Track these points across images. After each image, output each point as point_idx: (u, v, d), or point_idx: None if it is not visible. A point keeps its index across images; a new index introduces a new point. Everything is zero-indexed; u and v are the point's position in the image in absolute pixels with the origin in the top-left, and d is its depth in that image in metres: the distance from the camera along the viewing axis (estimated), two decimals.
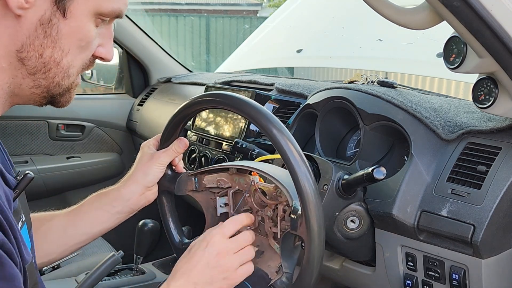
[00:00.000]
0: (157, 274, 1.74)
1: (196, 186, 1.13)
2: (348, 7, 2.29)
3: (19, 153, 2.33)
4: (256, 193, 1.04)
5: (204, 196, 1.13)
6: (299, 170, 0.84)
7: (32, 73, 0.73)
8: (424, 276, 1.07)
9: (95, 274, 1.36)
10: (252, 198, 1.04)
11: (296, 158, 0.85)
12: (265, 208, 1.02)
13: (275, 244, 1.00)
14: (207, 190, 1.13)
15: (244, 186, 1.06)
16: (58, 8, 0.70)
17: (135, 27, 2.44)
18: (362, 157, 1.20)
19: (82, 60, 0.77)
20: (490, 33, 0.86)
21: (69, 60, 0.75)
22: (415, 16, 0.92)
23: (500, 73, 0.93)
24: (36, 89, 0.75)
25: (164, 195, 1.14)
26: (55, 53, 0.73)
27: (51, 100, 0.78)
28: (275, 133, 0.86)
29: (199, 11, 7.53)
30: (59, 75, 0.75)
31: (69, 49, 0.74)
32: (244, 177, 1.07)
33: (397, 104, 1.16)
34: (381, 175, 0.97)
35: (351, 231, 1.11)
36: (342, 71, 4.36)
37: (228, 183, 1.09)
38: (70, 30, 0.73)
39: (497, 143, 1.01)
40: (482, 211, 0.96)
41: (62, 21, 0.71)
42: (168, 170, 1.11)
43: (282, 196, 0.97)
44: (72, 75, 0.77)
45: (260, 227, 1.06)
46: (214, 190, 1.12)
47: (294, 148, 0.85)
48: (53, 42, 0.72)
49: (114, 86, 2.67)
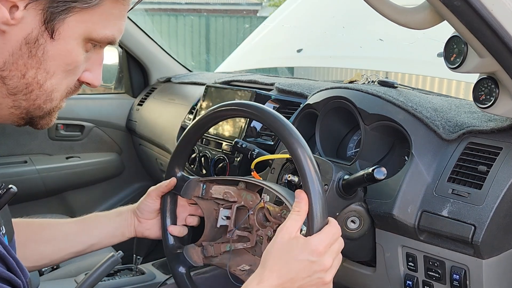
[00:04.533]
0: (157, 274, 1.73)
1: (203, 194, 1.13)
2: (348, 7, 2.29)
3: (18, 153, 2.33)
4: (261, 211, 1.04)
5: (208, 204, 1.14)
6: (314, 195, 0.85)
7: (12, 93, 0.69)
8: (424, 277, 1.07)
9: (95, 275, 1.36)
10: (255, 216, 1.05)
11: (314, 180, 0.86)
12: (266, 228, 1.02)
13: None
14: (212, 200, 1.13)
15: (250, 203, 1.07)
16: (47, 29, 0.66)
17: (134, 27, 2.43)
18: (363, 157, 1.19)
19: (67, 85, 0.74)
20: (490, 32, 0.86)
21: (53, 83, 0.71)
22: (416, 15, 0.92)
23: (501, 73, 0.93)
24: (16, 109, 0.71)
25: (169, 196, 1.15)
26: (39, 74, 0.69)
27: (29, 121, 0.74)
28: (299, 152, 0.87)
29: (199, 11, 7.53)
30: (41, 97, 0.71)
31: (54, 72, 0.70)
32: (252, 194, 1.07)
33: (397, 104, 1.15)
34: (382, 175, 0.97)
35: (351, 231, 1.11)
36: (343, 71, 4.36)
37: (235, 197, 1.09)
38: (57, 53, 0.68)
39: (498, 143, 1.01)
40: (482, 211, 0.96)
41: (49, 42, 0.67)
42: (178, 172, 1.13)
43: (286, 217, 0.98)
44: (55, 99, 0.73)
45: (256, 247, 1.06)
46: (219, 201, 1.13)
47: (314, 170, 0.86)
48: (37, 63, 0.68)
49: (113, 86, 2.66)
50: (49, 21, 0.66)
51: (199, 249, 1.14)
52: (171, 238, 1.15)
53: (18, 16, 0.64)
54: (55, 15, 0.66)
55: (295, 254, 0.83)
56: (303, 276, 0.83)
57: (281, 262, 0.83)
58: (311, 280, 0.84)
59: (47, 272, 1.73)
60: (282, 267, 0.83)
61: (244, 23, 7.11)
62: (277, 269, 0.83)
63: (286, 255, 0.83)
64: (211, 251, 1.12)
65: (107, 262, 1.38)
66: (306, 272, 0.83)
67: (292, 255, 0.83)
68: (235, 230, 1.08)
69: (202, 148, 1.69)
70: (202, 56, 6.93)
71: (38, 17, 0.65)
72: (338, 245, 0.88)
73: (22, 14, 0.64)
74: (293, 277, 0.83)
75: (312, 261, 0.83)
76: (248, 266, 1.07)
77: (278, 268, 0.83)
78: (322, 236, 0.85)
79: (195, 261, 1.14)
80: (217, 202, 1.13)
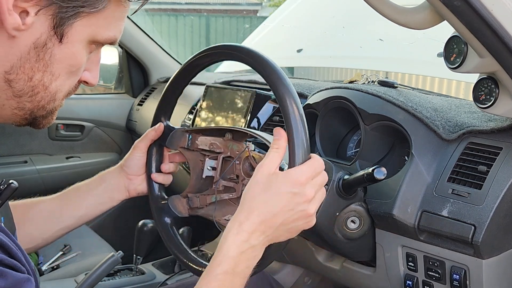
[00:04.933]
0: (157, 274, 1.73)
1: (188, 144, 1.12)
2: (348, 7, 2.29)
3: (18, 153, 2.33)
4: (247, 160, 1.03)
5: (193, 155, 1.12)
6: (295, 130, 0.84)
7: (18, 95, 0.70)
8: (424, 277, 1.07)
9: (95, 275, 1.36)
10: (241, 166, 1.03)
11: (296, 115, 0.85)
12: None
13: None
14: (198, 151, 1.12)
15: (236, 153, 1.05)
16: (56, 33, 0.67)
17: (134, 27, 2.43)
18: (363, 157, 1.19)
19: (69, 85, 0.75)
20: (490, 32, 0.86)
21: (58, 84, 0.72)
22: (416, 15, 0.92)
23: (501, 73, 0.93)
24: (19, 110, 0.72)
25: (155, 146, 1.13)
26: (45, 77, 0.70)
27: (32, 121, 0.75)
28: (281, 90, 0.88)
29: (199, 11, 7.53)
30: (46, 99, 0.72)
31: (59, 74, 0.71)
32: (238, 144, 1.06)
33: (397, 104, 1.15)
34: (382, 175, 0.97)
35: (351, 231, 1.11)
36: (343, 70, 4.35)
37: (221, 148, 1.08)
38: (63, 56, 0.70)
39: (498, 143, 1.01)
40: (482, 211, 0.96)
41: (57, 46, 0.69)
42: (164, 121, 1.12)
43: None
44: (58, 99, 0.74)
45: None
46: (205, 152, 1.11)
47: (296, 105, 0.86)
48: (44, 66, 0.69)
49: (113, 86, 2.66)
50: (58, 26, 0.67)
51: (184, 200, 1.12)
52: (156, 187, 1.13)
53: (29, 22, 0.65)
54: (64, 20, 0.67)
55: (275, 188, 0.81)
56: (285, 210, 0.81)
57: (261, 199, 0.81)
58: (294, 214, 0.82)
59: (47, 272, 1.73)
60: (263, 204, 0.81)
61: (244, 23, 7.11)
62: (257, 207, 0.81)
63: (266, 191, 0.81)
64: (196, 202, 1.10)
65: (107, 262, 1.38)
66: (288, 206, 0.81)
67: (272, 190, 0.81)
68: (221, 180, 1.06)
69: None
70: None
71: (47, 22, 0.66)
72: (321, 178, 0.85)
73: (33, 20, 0.65)
74: (275, 212, 0.81)
75: (293, 192, 0.81)
76: (230, 216, 1.06)
77: (258, 205, 0.81)
78: (303, 167, 0.83)
79: (180, 211, 1.12)
80: (203, 153, 1.12)
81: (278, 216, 0.81)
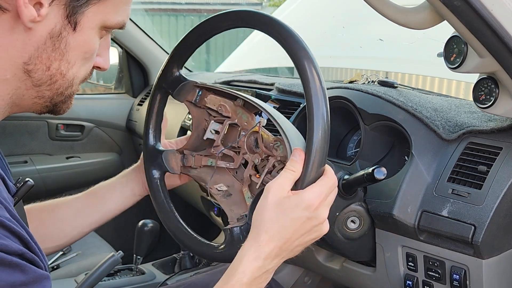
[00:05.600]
0: (157, 274, 1.74)
1: (196, 100, 1.06)
2: (348, 7, 2.29)
3: (19, 153, 2.33)
4: (253, 135, 0.99)
5: (199, 112, 1.07)
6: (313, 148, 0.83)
7: (37, 85, 0.73)
8: (424, 277, 1.07)
9: (95, 275, 1.36)
10: (246, 138, 0.99)
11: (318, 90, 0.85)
12: (254, 154, 0.98)
13: (247, 193, 0.96)
14: (205, 109, 1.06)
15: (244, 124, 1.01)
16: (69, 22, 0.70)
17: (134, 27, 2.43)
18: (363, 157, 1.19)
19: (85, 71, 0.78)
20: (490, 32, 0.86)
21: (74, 71, 0.75)
22: (416, 15, 0.92)
23: (501, 73, 0.93)
24: (39, 99, 0.75)
25: (160, 92, 1.08)
26: (62, 65, 0.73)
27: (52, 108, 0.78)
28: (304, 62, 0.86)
29: (199, 11, 7.51)
30: (64, 85, 0.75)
31: (75, 61, 0.74)
32: (248, 114, 1.01)
33: (397, 104, 1.15)
34: (382, 175, 0.97)
35: (351, 231, 1.11)
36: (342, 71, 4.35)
37: (229, 113, 1.02)
38: (77, 43, 0.72)
39: (498, 143, 1.01)
40: (482, 211, 0.96)
41: (71, 34, 0.71)
42: (176, 72, 1.06)
43: (277, 150, 0.94)
44: (75, 84, 0.77)
45: (239, 170, 1.01)
46: (211, 112, 1.06)
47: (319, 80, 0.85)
48: (60, 55, 0.72)
49: (113, 86, 2.67)
50: (71, 15, 0.70)
51: (179, 156, 1.07)
52: (152, 137, 1.09)
53: (43, 13, 0.67)
54: (76, 8, 0.69)
55: (290, 213, 0.81)
56: (301, 233, 0.82)
57: (277, 224, 0.81)
58: (309, 235, 0.83)
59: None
60: (278, 229, 0.80)
61: None
62: (273, 232, 0.80)
63: (280, 215, 0.81)
64: (191, 161, 1.05)
65: (107, 262, 1.39)
66: (303, 229, 0.82)
67: (287, 214, 0.81)
68: (221, 146, 1.02)
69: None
70: (202, 56, 6.92)
71: (60, 12, 0.69)
72: (333, 195, 0.86)
73: (47, 11, 0.67)
74: (290, 237, 0.81)
75: (308, 217, 0.81)
76: (225, 187, 1.02)
77: (274, 230, 0.80)
78: (317, 189, 0.83)
79: (172, 167, 1.07)
80: (210, 113, 1.06)
81: (293, 240, 0.82)
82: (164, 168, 1.07)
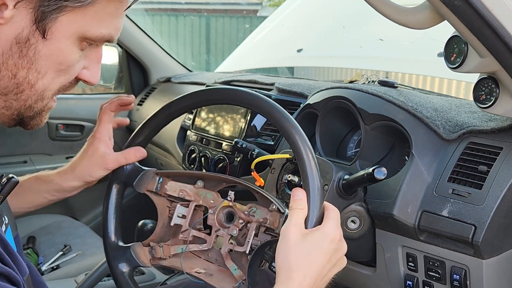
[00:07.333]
0: (157, 274, 1.73)
1: (157, 188, 1.05)
2: (348, 7, 2.28)
3: (18, 153, 2.33)
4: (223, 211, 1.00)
5: (161, 201, 1.07)
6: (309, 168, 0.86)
7: (3, 93, 0.68)
8: (424, 277, 1.07)
9: (95, 275, 1.36)
10: (215, 216, 1.00)
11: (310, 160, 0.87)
12: (228, 228, 0.99)
13: (233, 265, 0.97)
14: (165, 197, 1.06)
15: (210, 202, 1.01)
16: (38, 28, 0.64)
17: (134, 27, 2.43)
18: (363, 157, 1.19)
19: (60, 84, 0.72)
20: (491, 32, 0.85)
21: (45, 83, 0.69)
22: (416, 15, 0.92)
23: (501, 73, 0.93)
24: (7, 110, 0.70)
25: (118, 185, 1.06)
26: (30, 74, 0.67)
27: (20, 122, 0.73)
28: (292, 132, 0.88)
29: (199, 11, 7.51)
30: (32, 98, 0.70)
31: (46, 72, 0.68)
32: (212, 192, 1.02)
33: (397, 104, 1.15)
34: (382, 175, 0.97)
35: (351, 231, 1.10)
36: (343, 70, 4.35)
37: (191, 196, 1.03)
38: (49, 52, 0.67)
39: (498, 143, 1.01)
40: (483, 211, 0.96)
41: (41, 42, 0.66)
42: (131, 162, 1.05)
43: (255, 216, 0.97)
44: (46, 97, 0.71)
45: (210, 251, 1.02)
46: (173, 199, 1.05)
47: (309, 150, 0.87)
48: (29, 63, 0.66)
49: (113, 86, 2.66)
50: (40, 20, 0.64)
51: (147, 249, 1.05)
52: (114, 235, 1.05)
53: (7, 15, 0.63)
54: (46, 14, 0.64)
55: (318, 248, 0.82)
56: (330, 265, 0.83)
57: (307, 260, 0.81)
58: (335, 266, 0.85)
59: (47, 272, 1.73)
60: (309, 266, 0.81)
61: (244, 23, 7.10)
62: (305, 269, 0.80)
63: (308, 252, 0.81)
64: (159, 252, 1.03)
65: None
66: (331, 261, 0.83)
67: (315, 250, 0.82)
68: (191, 230, 1.01)
69: (202, 148, 1.69)
70: (202, 56, 6.92)
71: (28, 16, 0.64)
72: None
73: (12, 13, 0.63)
74: (321, 271, 0.82)
75: (336, 249, 0.83)
76: (203, 270, 1.01)
77: (306, 267, 0.81)
78: (333, 222, 0.85)
79: (143, 261, 1.05)
80: (171, 199, 1.06)
81: (324, 273, 0.83)
82: (134, 263, 1.05)
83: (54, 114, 2.35)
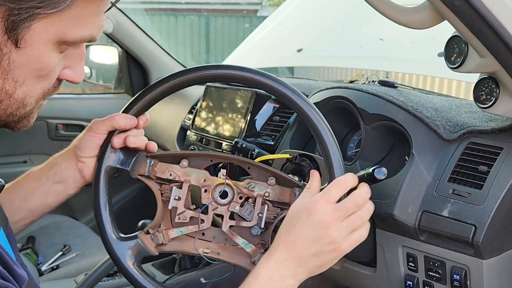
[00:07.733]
0: (157, 274, 1.73)
1: (150, 171, 1.02)
2: (348, 7, 2.28)
3: (18, 153, 2.32)
4: (216, 188, 0.99)
5: (154, 185, 1.04)
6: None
7: None
8: (425, 277, 1.07)
9: (94, 275, 1.36)
10: (210, 194, 0.99)
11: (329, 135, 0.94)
12: (228, 204, 0.99)
13: (243, 241, 0.97)
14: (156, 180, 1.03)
15: (202, 181, 1.00)
16: (9, 38, 0.62)
17: (134, 26, 2.43)
18: (363, 157, 1.19)
19: (42, 89, 0.70)
20: (491, 32, 0.85)
21: (25, 90, 0.67)
22: (416, 15, 0.92)
23: (502, 73, 0.93)
24: None
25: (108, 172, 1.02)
26: (7, 84, 0.65)
27: (4, 126, 0.72)
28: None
29: (199, 10, 7.51)
30: (13, 106, 0.68)
31: (24, 80, 0.66)
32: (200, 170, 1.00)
33: (398, 104, 1.15)
34: (382, 175, 0.96)
35: None
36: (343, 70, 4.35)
37: (181, 177, 1.01)
38: (25, 61, 0.64)
39: (498, 143, 1.01)
40: (483, 211, 0.96)
41: (14, 51, 0.63)
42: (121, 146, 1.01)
43: (255, 191, 0.97)
44: (29, 104, 0.70)
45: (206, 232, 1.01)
46: (163, 181, 1.03)
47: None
48: (4, 73, 0.64)
49: (113, 86, 2.66)
50: (11, 30, 0.61)
51: (148, 236, 1.03)
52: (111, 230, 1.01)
53: None
54: (17, 23, 0.61)
55: (297, 221, 0.85)
56: (309, 240, 0.84)
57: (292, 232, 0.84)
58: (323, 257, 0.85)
59: (47, 272, 1.73)
60: (291, 238, 0.84)
61: (244, 23, 7.11)
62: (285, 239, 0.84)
63: (294, 224, 0.84)
64: (160, 238, 1.01)
65: (107, 262, 1.38)
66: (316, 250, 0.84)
67: (297, 223, 0.85)
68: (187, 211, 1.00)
69: (202, 148, 1.69)
70: (202, 56, 6.92)
71: None
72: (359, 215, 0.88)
73: None
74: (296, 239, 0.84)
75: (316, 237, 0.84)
76: (207, 250, 1.00)
77: (288, 239, 0.84)
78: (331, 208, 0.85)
79: (150, 249, 1.02)
80: (161, 182, 1.03)
81: (302, 243, 0.83)
82: (143, 253, 1.01)
83: (54, 114, 2.37)
